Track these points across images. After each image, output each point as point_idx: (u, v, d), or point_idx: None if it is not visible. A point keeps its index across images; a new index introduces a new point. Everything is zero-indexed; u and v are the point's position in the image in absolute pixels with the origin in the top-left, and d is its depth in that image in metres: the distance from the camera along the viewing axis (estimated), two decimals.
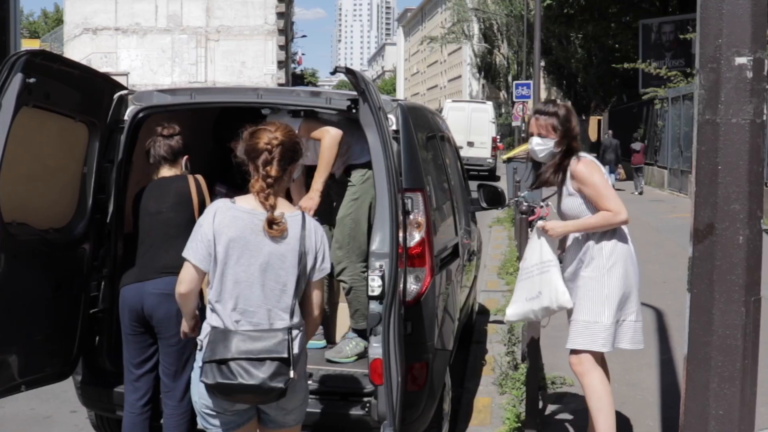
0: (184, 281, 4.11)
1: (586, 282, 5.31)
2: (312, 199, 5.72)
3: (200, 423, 4.12)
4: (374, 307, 4.66)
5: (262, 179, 3.99)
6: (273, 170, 4.00)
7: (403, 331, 4.69)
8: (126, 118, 5.50)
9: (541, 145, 5.40)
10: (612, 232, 5.33)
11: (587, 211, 5.33)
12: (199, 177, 5.41)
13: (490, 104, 39.66)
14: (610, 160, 29.38)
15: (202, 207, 5.01)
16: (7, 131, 4.55)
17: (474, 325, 8.57)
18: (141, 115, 5.54)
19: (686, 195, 26.29)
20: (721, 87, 3.56)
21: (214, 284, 3.99)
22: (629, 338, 5.40)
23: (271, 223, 3.96)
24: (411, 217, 5.09)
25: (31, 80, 4.60)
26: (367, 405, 4.87)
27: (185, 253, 4.05)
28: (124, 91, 5.55)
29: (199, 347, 4.04)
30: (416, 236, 5.14)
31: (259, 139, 4.01)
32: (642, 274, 5.62)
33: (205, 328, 4.03)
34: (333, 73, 5.00)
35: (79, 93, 5.12)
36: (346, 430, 5.12)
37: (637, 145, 29.97)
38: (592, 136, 48.12)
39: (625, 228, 5.40)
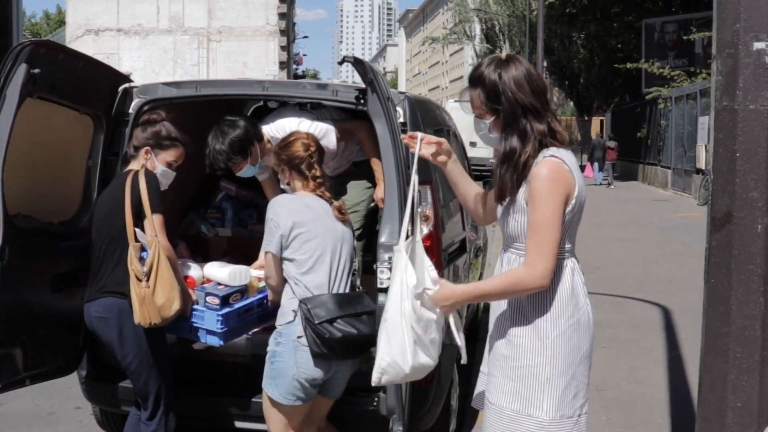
0: (272, 275, 4.70)
1: (518, 351, 3.56)
2: (383, 189, 5.62)
3: (287, 400, 4.50)
4: (383, 299, 4.59)
5: (312, 180, 4.70)
6: (318, 171, 4.73)
7: None
8: (131, 111, 5.45)
9: (482, 132, 3.67)
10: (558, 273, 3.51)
11: None
12: (142, 171, 4.94)
13: None
14: (598, 157, 34.13)
15: (138, 207, 4.81)
16: (12, 122, 4.50)
17: (480, 322, 8.49)
18: (146, 108, 5.48)
19: (690, 195, 26.27)
20: (739, 73, 3.49)
21: (301, 258, 4.54)
22: None
23: (339, 209, 4.70)
24: (419, 210, 5.02)
25: (36, 71, 4.55)
26: (376, 399, 4.81)
27: (265, 247, 4.59)
28: (129, 84, 5.49)
29: (288, 321, 4.52)
30: (424, 229, 5.08)
31: (297, 148, 4.70)
32: (648, 273, 5.42)
33: (289, 304, 4.55)
34: (341, 63, 4.95)
35: (84, 85, 5.07)
36: (356, 424, 5.07)
37: (611, 143, 35.31)
38: (594, 134, 48.00)
39: (570, 264, 3.56)
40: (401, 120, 5.06)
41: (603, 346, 8.67)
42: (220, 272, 5.16)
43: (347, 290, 4.66)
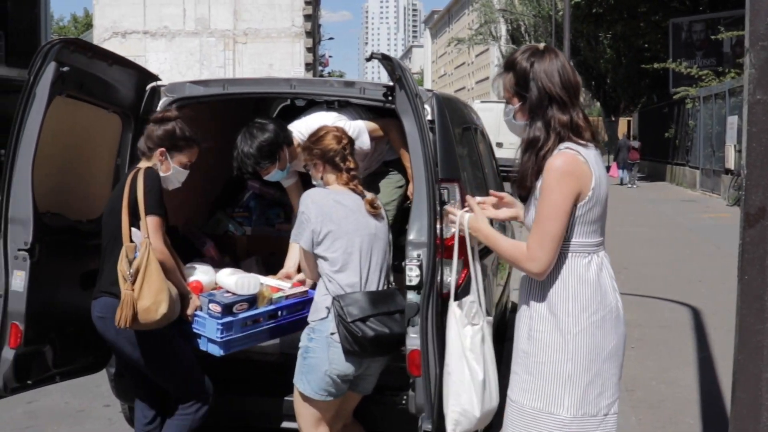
0: (305, 269, 4.76)
1: (539, 347, 3.55)
2: None
3: (319, 395, 4.52)
4: (412, 297, 4.59)
5: (346, 172, 4.69)
6: (351, 163, 4.72)
7: (441, 323, 4.60)
8: (158, 109, 5.46)
9: (508, 117, 3.68)
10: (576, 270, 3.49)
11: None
12: (142, 171, 4.74)
13: None
14: (624, 158, 34.98)
15: (135, 207, 4.62)
16: (41, 121, 4.53)
17: (507, 322, 8.45)
18: (173, 106, 5.49)
19: (719, 195, 26.11)
20: None
21: (332, 257, 4.53)
22: None
23: (371, 204, 4.68)
24: (447, 207, 5.00)
25: (65, 69, 4.57)
26: (405, 397, 4.79)
27: (296, 239, 4.60)
28: (157, 82, 5.50)
29: (322, 317, 4.52)
30: (453, 227, 5.04)
31: (329, 141, 4.68)
32: (677, 273, 5.36)
33: (323, 301, 4.55)
34: (369, 60, 4.94)
35: (112, 83, 5.08)
36: (384, 421, 5.05)
37: (635, 143, 35.79)
38: (621, 135, 47.73)
39: (597, 260, 3.52)
40: (429, 117, 5.03)
41: (632, 347, 8.61)
42: (228, 279, 5.00)
43: (382, 287, 4.65)
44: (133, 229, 4.59)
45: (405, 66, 4.81)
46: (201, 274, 5.05)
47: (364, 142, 5.52)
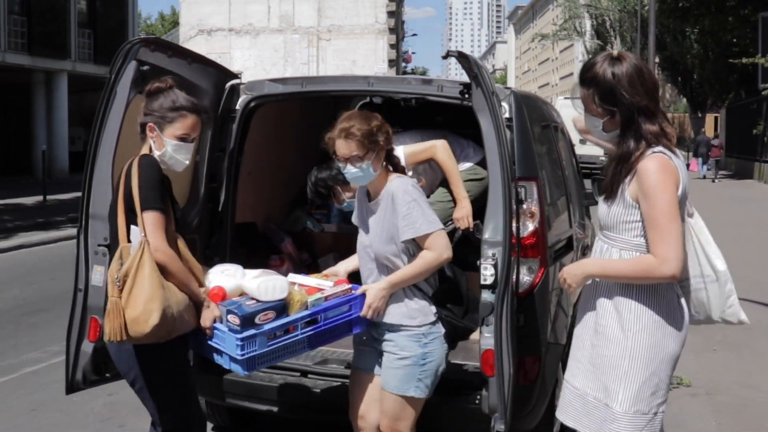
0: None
1: (602, 341, 3.69)
2: (464, 207, 5.64)
3: (426, 394, 4.41)
4: (486, 296, 4.56)
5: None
6: None
7: (515, 323, 4.57)
8: (238, 107, 5.53)
9: (595, 126, 3.72)
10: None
11: (641, 237, 3.56)
12: (137, 159, 4.19)
13: None
14: (702, 153, 37.75)
15: (130, 202, 4.07)
16: (122, 118, 4.59)
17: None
18: (253, 104, 5.55)
19: None
20: None
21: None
22: None
23: None
24: (524, 206, 4.96)
25: (145, 68, 4.63)
26: (478, 397, 4.76)
27: (435, 225, 4.32)
28: (236, 81, 5.56)
29: (432, 320, 4.41)
30: (530, 226, 5.01)
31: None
32: (763, 273, 5.26)
33: (426, 303, 4.42)
34: (445, 57, 4.92)
35: (192, 81, 5.14)
36: (456, 422, 5.03)
37: (715, 141, 38.30)
38: (709, 133, 46.84)
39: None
40: (507, 115, 4.99)
41: (714, 349, 8.46)
42: (251, 284, 4.26)
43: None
44: (133, 227, 4.07)
45: (482, 64, 4.78)
46: (225, 277, 4.37)
47: None
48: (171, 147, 4.24)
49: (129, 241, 4.07)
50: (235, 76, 5.59)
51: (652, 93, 3.54)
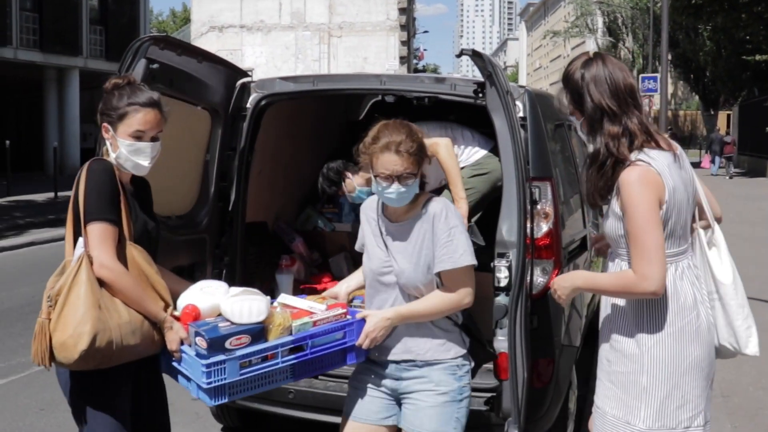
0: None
1: (618, 357, 3.54)
2: (461, 208, 5.45)
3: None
4: (500, 298, 4.50)
5: None
6: None
7: (529, 325, 4.51)
8: (248, 105, 5.47)
9: (577, 126, 3.65)
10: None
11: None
12: (86, 165, 3.77)
13: None
14: (715, 151, 38.10)
15: (77, 208, 3.69)
16: None
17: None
18: (263, 102, 5.50)
19: None
20: None
21: None
22: None
23: None
24: (538, 207, 4.89)
25: (155, 66, 4.58)
26: (491, 400, 4.70)
27: (473, 259, 3.84)
28: (247, 79, 5.51)
29: (464, 351, 3.98)
30: (544, 227, 4.94)
31: None
32: None
33: (458, 330, 3.97)
34: (459, 56, 4.86)
35: (202, 80, 5.09)
36: (469, 427, 4.97)
37: (728, 138, 38.84)
38: (723, 131, 46.66)
39: (677, 270, 3.45)
40: (521, 114, 4.93)
41: None
42: (225, 304, 3.78)
43: None
44: (81, 239, 3.69)
45: (496, 62, 4.72)
46: (203, 295, 3.90)
47: None
48: (125, 147, 3.77)
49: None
50: (246, 74, 5.55)
51: (620, 95, 3.44)
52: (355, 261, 6.67)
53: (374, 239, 4.03)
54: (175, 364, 3.74)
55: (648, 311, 3.42)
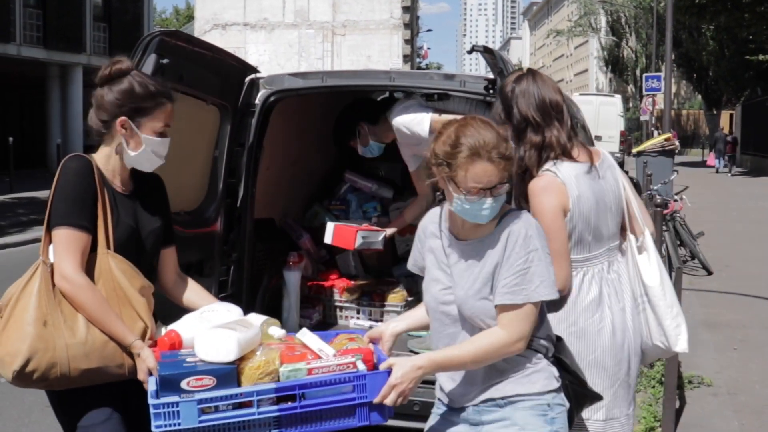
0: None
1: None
2: None
3: None
4: None
5: None
6: None
7: None
8: (257, 101, 5.46)
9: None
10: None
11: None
12: (64, 159, 3.45)
13: (618, 98, 39.06)
14: (720, 149, 39.56)
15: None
16: None
17: None
18: (272, 98, 5.49)
19: None
20: None
21: None
22: None
23: None
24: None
25: (165, 61, 4.56)
26: None
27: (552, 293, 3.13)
28: (256, 75, 5.50)
29: (556, 386, 3.20)
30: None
31: None
32: None
33: (545, 364, 3.21)
34: (470, 52, 4.86)
35: (212, 75, 5.08)
36: None
37: (730, 137, 39.93)
38: (726, 130, 46.65)
39: (584, 275, 3.65)
40: None
41: (735, 348, 8.39)
42: (199, 335, 3.20)
43: None
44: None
45: (507, 58, 4.71)
46: (198, 320, 3.42)
47: (423, 130, 5.50)
48: (151, 145, 3.50)
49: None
50: (255, 69, 5.53)
51: (545, 109, 3.63)
52: (362, 259, 6.67)
53: (436, 261, 3.31)
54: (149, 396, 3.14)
55: (554, 313, 3.56)
